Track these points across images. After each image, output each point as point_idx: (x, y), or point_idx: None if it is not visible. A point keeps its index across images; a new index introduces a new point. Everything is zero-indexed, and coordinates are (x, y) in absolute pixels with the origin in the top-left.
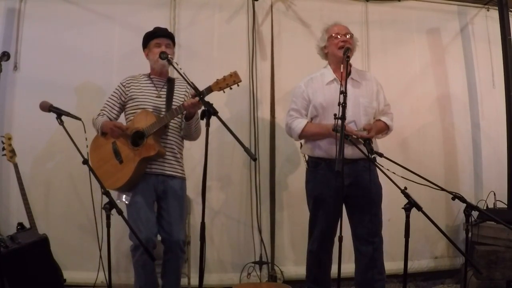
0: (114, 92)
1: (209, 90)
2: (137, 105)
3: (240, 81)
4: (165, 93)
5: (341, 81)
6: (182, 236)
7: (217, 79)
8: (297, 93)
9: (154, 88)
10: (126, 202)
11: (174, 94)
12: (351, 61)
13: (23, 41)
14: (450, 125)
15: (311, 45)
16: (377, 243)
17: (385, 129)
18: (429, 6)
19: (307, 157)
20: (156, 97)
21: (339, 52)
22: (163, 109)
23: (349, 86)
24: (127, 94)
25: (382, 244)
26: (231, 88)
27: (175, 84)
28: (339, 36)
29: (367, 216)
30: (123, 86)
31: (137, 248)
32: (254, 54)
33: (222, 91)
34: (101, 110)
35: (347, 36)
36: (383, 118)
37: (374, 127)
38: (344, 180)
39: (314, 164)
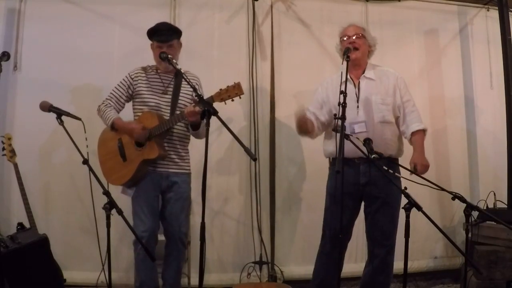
0: (122, 82)
1: (211, 100)
2: (144, 102)
3: (243, 93)
4: (171, 89)
5: (355, 83)
6: (184, 228)
7: (220, 90)
8: (314, 93)
9: (161, 84)
10: (130, 196)
11: (181, 91)
12: (369, 59)
13: (23, 41)
14: (448, 125)
15: (311, 45)
16: (390, 247)
17: (423, 136)
18: (429, 6)
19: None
20: (163, 93)
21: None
22: (169, 107)
23: (362, 85)
24: (135, 88)
25: (394, 248)
26: (232, 100)
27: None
28: (345, 38)
29: (382, 218)
30: (131, 78)
31: (137, 241)
32: (254, 54)
33: (223, 102)
34: (107, 99)
35: (354, 38)
36: (414, 127)
37: (418, 160)
38: (360, 179)
39: (333, 161)
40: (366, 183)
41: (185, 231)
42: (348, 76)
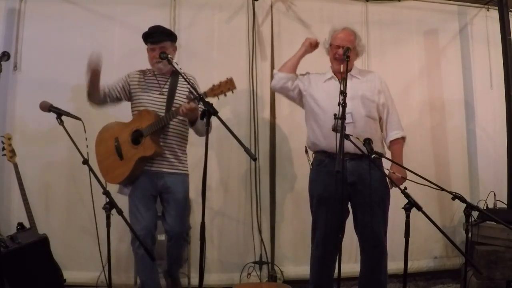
0: (121, 78)
1: (204, 96)
2: (140, 102)
3: (235, 88)
4: (167, 90)
5: (340, 80)
6: (184, 227)
7: (213, 85)
8: (302, 74)
9: (157, 85)
10: (126, 195)
11: (177, 91)
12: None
13: (23, 41)
14: (448, 125)
15: None
16: (382, 246)
17: (403, 143)
18: (429, 6)
19: (311, 158)
20: (159, 94)
21: (335, 62)
22: (164, 107)
23: (349, 81)
24: (131, 88)
25: (386, 246)
26: (225, 95)
27: (179, 79)
28: (337, 49)
29: (373, 217)
30: (128, 77)
31: (135, 239)
32: (254, 54)
33: (216, 97)
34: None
35: (345, 50)
36: (394, 134)
37: (399, 171)
38: (348, 178)
39: (317, 162)
40: (354, 182)
41: (186, 230)
42: (332, 74)
